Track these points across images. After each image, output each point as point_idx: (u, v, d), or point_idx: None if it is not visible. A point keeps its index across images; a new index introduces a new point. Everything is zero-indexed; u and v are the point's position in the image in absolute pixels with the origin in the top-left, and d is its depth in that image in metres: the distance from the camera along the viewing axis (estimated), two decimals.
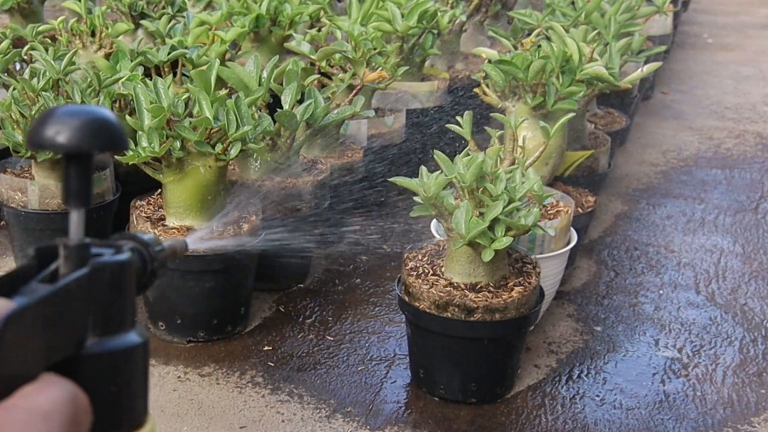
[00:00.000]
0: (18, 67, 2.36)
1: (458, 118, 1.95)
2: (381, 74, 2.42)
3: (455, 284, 1.77)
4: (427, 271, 1.82)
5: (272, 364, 1.94)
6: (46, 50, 2.19)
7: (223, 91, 1.94)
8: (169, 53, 2.35)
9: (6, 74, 2.24)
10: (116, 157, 1.96)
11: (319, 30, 2.67)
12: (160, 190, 2.01)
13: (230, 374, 1.89)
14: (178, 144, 1.85)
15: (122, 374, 0.66)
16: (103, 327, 0.64)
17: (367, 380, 1.90)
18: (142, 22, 2.70)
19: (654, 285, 2.39)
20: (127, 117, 1.88)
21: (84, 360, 0.62)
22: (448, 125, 2.02)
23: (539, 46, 2.21)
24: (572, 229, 2.12)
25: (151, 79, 1.94)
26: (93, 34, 2.57)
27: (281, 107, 2.05)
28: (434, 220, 2.09)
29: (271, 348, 2.00)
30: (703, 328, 2.18)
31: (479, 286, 1.76)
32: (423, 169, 1.75)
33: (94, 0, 3.13)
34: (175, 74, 2.39)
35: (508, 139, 2.05)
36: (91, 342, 0.63)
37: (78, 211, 0.61)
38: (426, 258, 1.87)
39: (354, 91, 2.38)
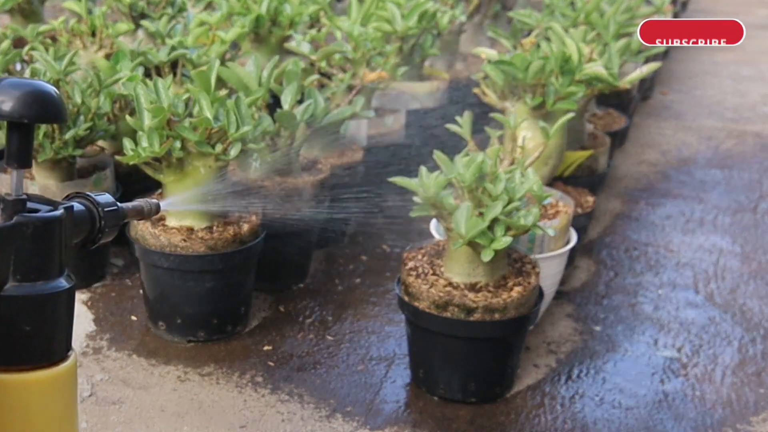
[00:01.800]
0: (18, 67, 2.37)
1: (457, 118, 1.95)
2: (381, 74, 2.43)
3: (455, 284, 1.77)
4: (426, 271, 1.82)
5: (272, 364, 1.94)
6: (47, 50, 2.19)
7: (223, 91, 1.95)
8: (169, 53, 2.35)
9: (6, 74, 2.24)
10: (117, 157, 1.96)
11: (319, 30, 2.68)
12: (160, 190, 2.01)
13: (230, 374, 1.89)
14: (178, 144, 1.86)
15: (38, 316, 0.73)
16: (23, 273, 0.72)
17: (367, 380, 1.90)
18: (143, 22, 2.70)
19: (653, 285, 2.40)
20: (127, 117, 1.89)
21: (1, 300, 0.70)
22: (447, 125, 2.02)
23: (539, 46, 2.21)
24: (572, 229, 2.13)
25: (151, 79, 1.95)
26: (93, 35, 2.58)
27: (281, 107, 2.06)
28: (434, 220, 2.09)
29: (271, 348, 2.00)
30: (702, 328, 2.18)
31: (479, 285, 1.76)
32: (423, 169, 1.76)
33: (95, 0, 3.14)
34: (175, 74, 2.40)
35: (507, 139, 2.05)
36: (10, 285, 0.71)
37: (17, 171, 0.73)
38: (426, 258, 1.87)
39: (354, 91, 2.38)
